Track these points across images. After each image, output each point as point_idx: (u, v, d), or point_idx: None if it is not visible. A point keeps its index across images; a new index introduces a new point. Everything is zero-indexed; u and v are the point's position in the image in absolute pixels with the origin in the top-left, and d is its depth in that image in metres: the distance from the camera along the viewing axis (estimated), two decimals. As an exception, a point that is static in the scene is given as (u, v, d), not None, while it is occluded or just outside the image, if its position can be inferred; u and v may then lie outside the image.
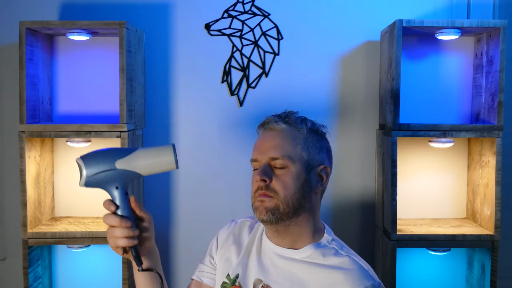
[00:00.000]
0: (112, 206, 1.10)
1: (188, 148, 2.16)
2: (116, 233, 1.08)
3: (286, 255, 1.22)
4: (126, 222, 1.08)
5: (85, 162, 1.08)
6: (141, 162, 1.09)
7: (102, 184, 1.09)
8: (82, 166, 1.08)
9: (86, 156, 1.08)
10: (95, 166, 1.07)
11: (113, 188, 1.10)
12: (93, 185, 1.10)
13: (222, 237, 1.35)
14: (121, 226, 1.08)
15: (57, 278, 2.16)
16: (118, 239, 1.08)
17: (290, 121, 1.22)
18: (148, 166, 1.09)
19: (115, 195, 1.10)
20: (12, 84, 2.11)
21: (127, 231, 1.08)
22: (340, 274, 1.15)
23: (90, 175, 1.08)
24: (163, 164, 1.10)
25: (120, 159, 1.08)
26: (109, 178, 1.08)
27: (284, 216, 1.17)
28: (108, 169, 1.07)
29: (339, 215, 2.19)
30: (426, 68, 2.13)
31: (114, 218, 1.08)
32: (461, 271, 2.17)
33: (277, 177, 1.18)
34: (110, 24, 1.86)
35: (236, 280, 1.25)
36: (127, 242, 1.09)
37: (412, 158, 2.14)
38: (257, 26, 2.15)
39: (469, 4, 2.13)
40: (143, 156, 1.09)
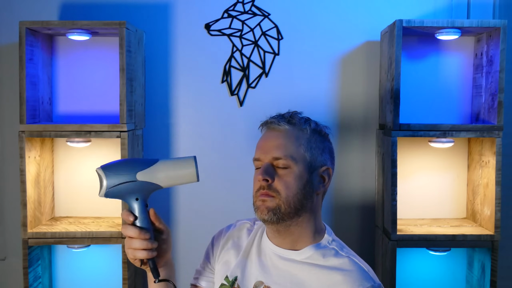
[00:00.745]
0: (130, 217, 1.10)
1: (188, 148, 2.16)
2: (135, 244, 1.08)
3: (287, 256, 1.22)
4: (145, 234, 1.08)
5: (106, 172, 1.07)
6: (162, 174, 1.08)
7: (122, 195, 1.09)
8: (102, 176, 1.07)
9: (107, 167, 1.07)
10: (116, 177, 1.07)
11: (133, 200, 1.09)
12: (113, 196, 1.09)
13: (220, 241, 1.34)
14: (140, 237, 1.08)
15: (57, 278, 2.16)
16: (137, 251, 1.08)
17: (294, 121, 1.22)
18: (169, 179, 1.09)
19: (134, 206, 1.10)
20: (12, 84, 2.11)
21: (146, 243, 1.08)
22: (340, 275, 1.14)
23: (111, 186, 1.07)
24: (184, 177, 1.10)
25: (142, 171, 1.08)
26: (130, 189, 1.08)
27: (285, 216, 1.17)
28: (129, 181, 1.07)
29: (339, 215, 2.19)
30: (426, 68, 2.13)
31: (133, 230, 1.08)
32: (461, 271, 2.17)
33: (280, 177, 1.18)
34: (110, 24, 1.86)
35: (234, 282, 1.25)
36: (146, 254, 1.09)
37: (412, 158, 2.14)
38: (257, 26, 2.15)
39: (469, 4, 2.13)
40: (164, 168, 1.09)
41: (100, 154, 2.12)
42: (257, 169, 1.22)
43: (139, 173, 1.07)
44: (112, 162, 1.09)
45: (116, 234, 1.89)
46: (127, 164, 1.09)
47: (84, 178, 2.13)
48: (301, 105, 2.12)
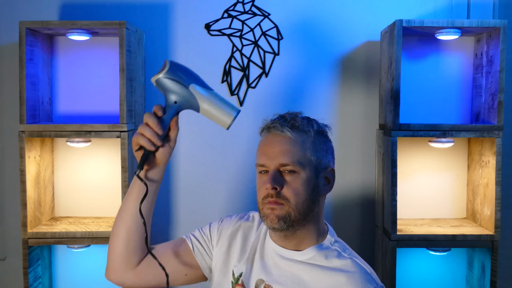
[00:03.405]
0: (160, 112, 1.16)
1: (188, 148, 2.16)
2: (146, 132, 1.13)
3: (289, 256, 1.22)
4: (159, 129, 1.14)
5: (171, 65, 1.16)
6: (206, 104, 1.17)
7: (167, 90, 1.16)
8: (167, 65, 1.16)
9: (175, 63, 1.17)
10: (176, 73, 1.16)
11: (172, 101, 1.17)
12: (161, 86, 1.16)
13: (230, 226, 1.33)
14: (154, 128, 1.14)
15: (57, 278, 2.16)
16: (143, 138, 1.14)
17: (297, 124, 1.20)
18: (207, 112, 1.18)
19: (169, 105, 1.17)
20: (12, 84, 2.11)
21: (155, 136, 1.14)
22: (343, 277, 1.14)
23: (168, 76, 1.15)
24: (219, 120, 1.18)
25: (196, 86, 1.17)
26: (177, 90, 1.16)
27: (295, 223, 1.17)
28: (183, 84, 1.16)
29: (339, 215, 2.19)
30: (426, 68, 2.13)
31: (154, 120, 1.14)
32: (461, 271, 2.17)
33: (288, 184, 1.16)
34: (110, 24, 1.86)
35: (239, 278, 1.24)
36: (148, 145, 1.14)
37: (412, 158, 2.14)
38: (257, 26, 2.15)
39: (469, 4, 2.13)
40: (211, 101, 1.17)
41: (100, 154, 2.12)
42: (260, 173, 1.21)
43: (193, 86, 1.17)
44: (181, 64, 1.19)
45: (116, 234, 1.88)
46: (191, 72, 1.19)
47: (84, 178, 2.13)
48: (301, 105, 2.13)
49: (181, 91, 1.16)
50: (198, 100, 1.17)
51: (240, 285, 1.24)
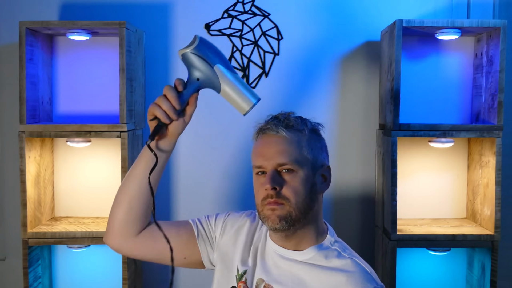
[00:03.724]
0: (181, 86, 1.15)
1: (188, 148, 2.16)
2: (164, 104, 1.12)
3: (289, 256, 1.22)
4: (177, 104, 1.13)
5: (200, 41, 1.15)
6: (228, 86, 1.16)
7: (192, 66, 1.15)
8: (196, 41, 1.15)
9: (204, 39, 1.16)
10: (204, 51, 1.15)
11: (195, 77, 1.16)
12: (187, 61, 1.15)
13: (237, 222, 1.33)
14: (172, 102, 1.13)
15: (57, 278, 2.16)
16: (159, 109, 1.13)
17: (292, 123, 1.20)
18: (227, 94, 1.17)
19: (190, 81, 1.16)
20: (12, 84, 2.11)
21: (172, 110, 1.13)
22: (343, 277, 1.14)
23: (195, 52, 1.14)
24: (237, 105, 1.17)
25: (222, 67, 1.16)
26: (202, 68, 1.15)
27: (296, 222, 1.17)
28: (208, 63, 1.15)
29: (339, 215, 2.19)
30: (426, 68, 2.13)
31: (173, 94, 1.13)
32: (461, 271, 2.17)
33: (287, 184, 1.16)
34: (110, 24, 1.86)
35: (243, 275, 1.25)
36: (163, 117, 1.13)
37: (412, 158, 2.14)
38: (257, 26, 2.15)
39: (469, 4, 2.13)
40: (233, 85, 1.16)
41: (100, 154, 2.12)
42: (257, 174, 1.21)
43: (218, 66, 1.16)
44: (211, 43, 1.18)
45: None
46: (218, 52, 1.17)
47: (84, 178, 2.13)
48: (301, 105, 2.13)
49: (206, 69, 1.15)
50: (221, 81, 1.16)
51: (243, 282, 1.24)
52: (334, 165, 2.16)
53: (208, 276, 1.39)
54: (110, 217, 1.26)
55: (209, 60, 1.15)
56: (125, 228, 1.24)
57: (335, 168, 2.15)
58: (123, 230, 1.24)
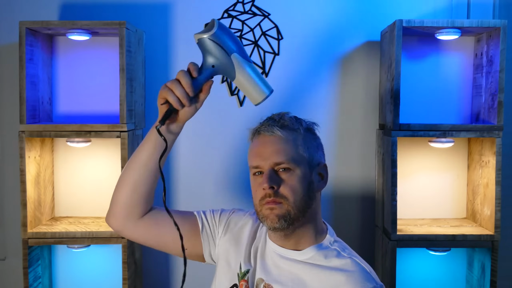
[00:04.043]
0: (196, 72, 1.13)
1: (188, 148, 2.16)
2: (177, 90, 1.11)
3: (289, 256, 1.22)
4: (191, 91, 1.11)
5: (219, 26, 1.11)
6: (242, 76, 1.14)
7: (209, 52, 1.12)
8: (215, 27, 1.11)
9: (223, 26, 1.13)
10: (222, 38, 1.11)
11: (210, 63, 1.13)
12: (203, 46, 1.13)
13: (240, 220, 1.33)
14: (185, 87, 1.11)
15: (57, 278, 2.16)
16: (172, 95, 1.11)
17: (286, 123, 1.21)
18: (241, 84, 1.15)
19: (205, 68, 1.14)
20: (12, 84, 2.11)
21: (185, 96, 1.11)
22: (342, 276, 1.14)
23: (212, 39, 1.11)
24: (250, 95, 1.15)
25: (238, 56, 1.13)
26: (218, 55, 1.12)
27: (294, 221, 1.17)
28: (225, 51, 1.12)
29: (339, 214, 2.18)
30: (426, 68, 2.13)
31: (187, 80, 1.11)
32: (461, 271, 2.17)
33: (285, 182, 1.17)
34: (110, 24, 1.86)
35: (246, 274, 1.25)
36: (176, 103, 1.12)
37: (412, 158, 2.14)
38: (257, 26, 2.15)
39: (469, 4, 2.13)
40: (248, 75, 1.14)
41: (100, 154, 2.12)
42: (254, 175, 1.21)
43: (235, 55, 1.13)
44: (229, 29, 1.15)
45: (116, 234, 1.88)
46: (236, 40, 1.14)
47: (84, 178, 2.13)
48: (301, 105, 2.13)
49: (222, 57, 1.12)
50: (237, 70, 1.13)
51: (245, 281, 1.24)
52: (334, 165, 2.16)
53: (208, 272, 1.39)
54: (113, 198, 1.26)
55: (227, 48, 1.12)
56: (127, 209, 1.24)
57: (335, 168, 2.15)
58: (126, 212, 1.24)
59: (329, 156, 2.14)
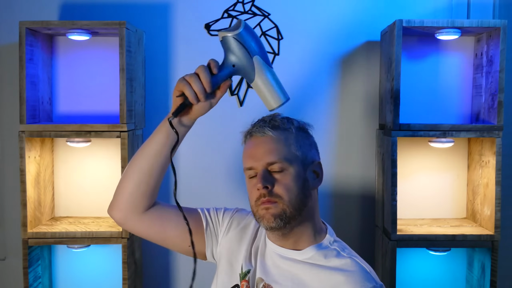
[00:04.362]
0: (216, 68, 1.13)
1: (188, 148, 2.16)
2: (196, 85, 1.10)
3: (288, 256, 1.22)
4: (209, 87, 1.11)
5: (245, 27, 1.12)
6: (261, 80, 1.14)
7: (231, 51, 1.13)
8: (241, 27, 1.12)
9: (249, 27, 1.14)
10: (246, 38, 1.12)
11: (231, 62, 1.14)
12: (226, 44, 1.13)
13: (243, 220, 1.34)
14: (204, 83, 1.11)
15: (57, 278, 2.16)
16: (189, 89, 1.10)
17: (277, 123, 1.22)
18: (258, 88, 1.15)
19: (225, 66, 1.14)
20: (12, 84, 2.11)
21: (202, 91, 1.11)
22: (342, 276, 1.15)
23: (237, 38, 1.12)
24: (266, 100, 1.16)
25: (260, 59, 1.14)
26: (240, 55, 1.12)
27: (291, 219, 1.17)
28: (248, 51, 1.12)
29: (339, 215, 2.19)
30: (426, 68, 2.13)
31: (207, 76, 1.11)
32: (461, 271, 2.17)
33: (279, 182, 1.17)
34: (110, 24, 1.86)
35: (247, 274, 1.25)
36: (192, 98, 1.11)
37: (412, 158, 2.14)
38: (257, 26, 2.15)
39: (469, 4, 2.13)
40: (267, 80, 1.15)
41: (100, 154, 2.12)
42: (250, 178, 1.22)
43: (257, 58, 1.13)
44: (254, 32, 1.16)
45: (116, 234, 1.89)
46: (259, 42, 1.15)
47: (84, 178, 2.13)
48: (301, 105, 2.13)
49: (244, 57, 1.12)
50: (257, 73, 1.13)
51: (246, 281, 1.24)
52: (334, 164, 2.16)
53: (209, 271, 1.39)
54: (118, 188, 1.25)
55: (250, 49, 1.12)
56: (133, 201, 1.23)
57: (335, 167, 2.15)
58: (131, 204, 1.23)
59: (329, 156, 2.14)
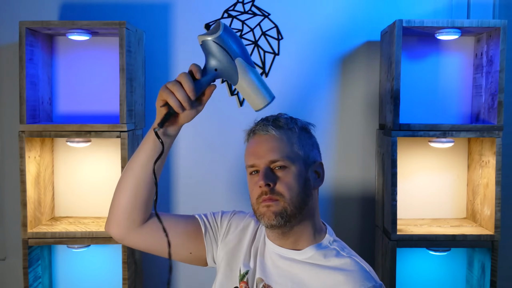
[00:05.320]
0: (199, 73, 1.10)
1: (188, 148, 2.16)
2: (179, 93, 1.07)
3: (288, 256, 1.22)
4: (193, 95, 1.08)
5: (224, 30, 1.07)
6: (245, 81, 1.11)
7: (213, 56, 1.09)
8: (220, 29, 1.07)
9: (228, 29, 1.09)
10: (227, 41, 1.08)
11: (213, 67, 1.10)
12: (206, 49, 1.10)
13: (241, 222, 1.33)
14: (187, 91, 1.07)
15: (57, 278, 2.16)
16: (173, 98, 1.07)
17: (281, 123, 1.22)
18: (243, 89, 1.13)
19: (208, 71, 1.11)
20: (12, 84, 2.11)
21: (187, 100, 1.08)
22: (342, 276, 1.15)
23: (217, 42, 1.07)
24: (252, 100, 1.14)
25: (243, 60, 1.10)
26: (222, 59, 1.09)
27: (291, 218, 1.17)
28: (230, 54, 1.08)
29: (339, 215, 2.19)
30: (426, 68, 2.13)
31: (190, 83, 1.07)
32: (461, 271, 2.17)
33: (280, 180, 1.17)
34: (110, 24, 1.86)
35: (245, 276, 1.25)
36: (177, 107, 1.08)
37: (412, 158, 2.14)
38: (257, 26, 2.15)
39: (469, 4, 2.14)
40: (251, 80, 1.12)
41: (100, 154, 2.12)
42: (250, 174, 1.22)
43: (240, 60, 1.10)
44: (235, 33, 1.11)
45: (116, 234, 1.89)
46: (241, 44, 1.11)
47: (84, 178, 2.13)
48: (301, 105, 2.13)
49: (226, 61, 1.09)
50: (240, 75, 1.11)
51: (244, 282, 1.24)
52: (334, 165, 2.16)
53: (208, 275, 1.39)
54: (113, 204, 1.23)
55: (231, 52, 1.09)
56: (130, 215, 1.21)
57: (335, 168, 2.15)
58: (128, 218, 1.21)
59: (329, 156, 2.14)
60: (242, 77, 1.11)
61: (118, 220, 1.22)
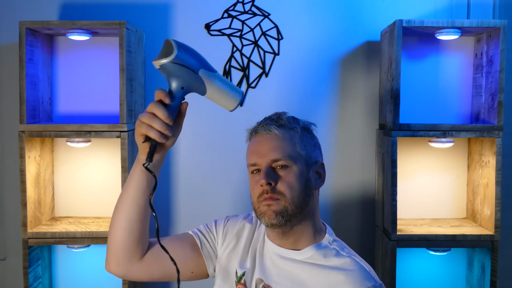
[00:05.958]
0: (168, 99, 1.06)
1: (188, 148, 2.16)
2: (155, 124, 1.05)
3: (288, 256, 1.22)
4: (170, 120, 1.06)
5: (178, 47, 1.05)
6: (213, 89, 1.10)
7: (175, 76, 1.07)
8: (174, 48, 1.04)
9: (182, 44, 1.06)
10: (185, 58, 1.06)
11: (179, 86, 1.08)
12: (167, 71, 1.06)
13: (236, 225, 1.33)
14: (163, 119, 1.05)
15: (57, 278, 2.16)
16: (152, 130, 1.06)
17: (283, 122, 1.22)
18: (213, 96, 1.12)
19: (175, 92, 1.08)
20: (12, 84, 2.11)
21: (166, 128, 1.06)
22: (342, 275, 1.15)
23: (176, 62, 1.05)
24: (224, 104, 1.13)
25: (204, 71, 1.09)
26: (185, 76, 1.07)
27: (292, 217, 1.17)
28: (192, 70, 1.07)
29: (339, 215, 2.18)
30: (426, 68, 2.13)
31: (163, 111, 1.05)
32: (461, 271, 2.17)
33: (282, 179, 1.17)
34: (110, 24, 1.86)
35: (242, 277, 1.25)
36: (158, 137, 1.06)
37: (412, 158, 2.14)
38: (257, 26, 2.15)
39: (469, 4, 2.14)
40: (218, 86, 1.11)
41: (100, 154, 2.12)
42: (252, 173, 1.22)
43: (202, 71, 1.08)
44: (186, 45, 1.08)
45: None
46: (197, 55, 1.09)
47: (84, 178, 2.13)
48: (301, 105, 2.13)
49: (189, 76, 1.07)
50: (207, 85, 1.09)
51: (242, 284, 1.24)
52: (334, 165, 2.16)
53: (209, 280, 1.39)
54: (109, 243, 1.20)
55: (192, 66, 1.07)
56: (129, 252, 1.19)
57: (335, 168, 2.15)
58: (127, 254, 1.20)
59: (329, 156, 2.14)
60: (209, 86, 1.10)
61: (117, 259, 1.21)
